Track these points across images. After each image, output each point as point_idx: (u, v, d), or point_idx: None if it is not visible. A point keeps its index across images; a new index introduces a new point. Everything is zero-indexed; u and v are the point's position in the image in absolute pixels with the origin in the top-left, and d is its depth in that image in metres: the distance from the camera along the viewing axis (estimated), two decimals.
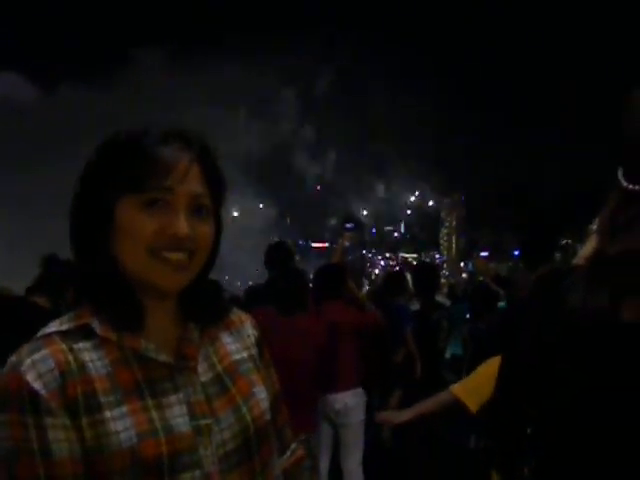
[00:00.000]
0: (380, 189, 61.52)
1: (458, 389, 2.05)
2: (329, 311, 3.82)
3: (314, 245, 56.40)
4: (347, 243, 4.58)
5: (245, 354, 1.04)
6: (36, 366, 0.82)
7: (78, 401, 0.82)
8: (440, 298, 5.71)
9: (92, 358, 0.86)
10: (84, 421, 0.82)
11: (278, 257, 4.01)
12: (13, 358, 0.84)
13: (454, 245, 63.07)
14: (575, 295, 0.80)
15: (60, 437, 0.80)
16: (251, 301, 5.74)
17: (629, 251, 0.76)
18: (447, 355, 5.32)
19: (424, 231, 63.61)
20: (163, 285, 0.90)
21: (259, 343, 1.09)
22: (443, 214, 64.83)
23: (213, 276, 1.02)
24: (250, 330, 1.09)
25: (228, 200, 1.01)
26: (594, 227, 1.07)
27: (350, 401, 3.90)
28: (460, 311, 7.22)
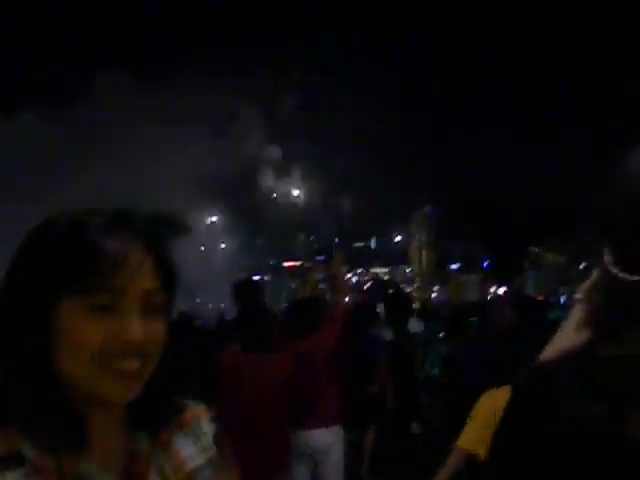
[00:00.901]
0: (347, 204, 61.88)
1: (464, 442, 2.10)
2: (304, 345, 3.72)
3: (285, 264, 56.27)
4: (319, 276, 4.45)
5: (202, 459, 0.92)
6: None
7: None
8: (412, 321, 5.61)
9: None
10: None
11: (245, 294, 3.91)
12: None
13: (424, 258, 63.54)
14: (569, 402, 0.70)
15: None
16: (222, 337, 5.63)
17: (626, 357, 0.66)
18: (420, 377, 5.25)
19: (394, 245, 64.07)
20: (113, 398, 0.78)
21: (217, 440, 0.97)
22: (413, 228, 65.44)
23: (184, 300, 0.89)
24: (206, 427, 0.97)
25: (195, 220, 0.86)
26: (578, 296, 0.97)
27: (330, 438, 3.81)
28: (433, 330, 7.18)
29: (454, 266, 56.60)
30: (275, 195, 57.11)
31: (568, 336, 0.91)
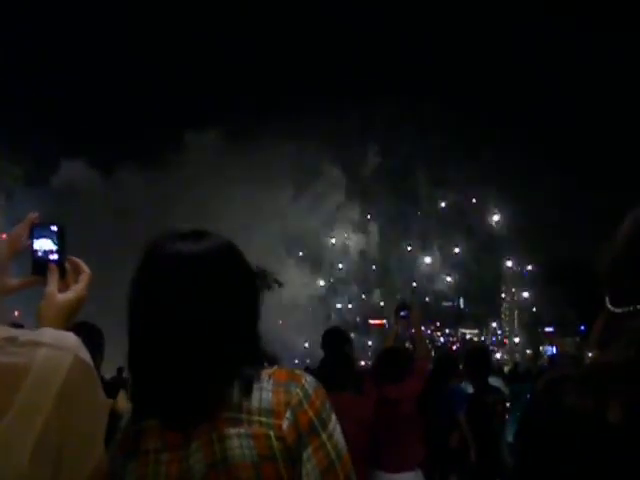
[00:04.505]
0: (424, 264, 60.69)
1: None
2: (390, 391, 3.95)
3: (372, 322, 55.78)
4: (401, 330, 4.74)
5: None
6: None
7: None
8: (494, 380, 5.67)
9: None
10: None
11: (331, 341, 4.17)
12: None
13: (516, 320, 60.96)
14: (569, 399, 1.00)
15: None
16: None
17: (609, 362, 0.97)
18: (509, 438, 5.25)
19: (484, 306, 61.88)
20: None
21: None
22: (504, 289, 63.11)
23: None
24: None
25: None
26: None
27: None
28: (521, 391, 7.12)
29: (549, 329, 53.94)
30: (351, 252, 57.19)
31: None
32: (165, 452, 1.07)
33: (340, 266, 58.17)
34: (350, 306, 56.97)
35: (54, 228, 1.18)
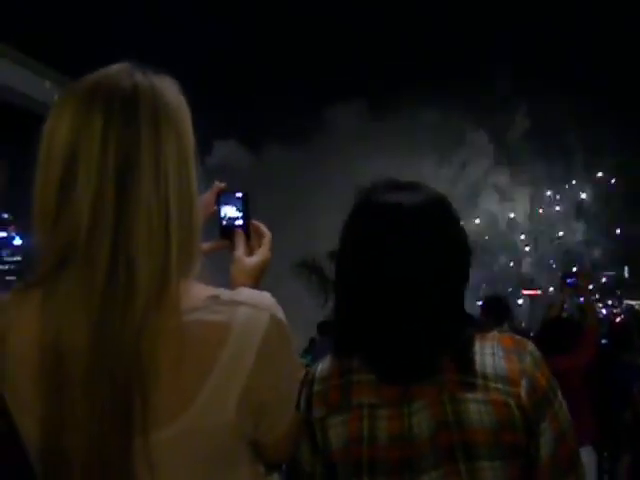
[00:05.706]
0: (580, 230, 56.24)
1: None
2: (557, 363, 3.83)
3: (525, 292, 53.38)
4: (567, 299, 4.52)
5: None
6: None
7: None
8: None
9: None
10: None
11: (494, 309, 4.11)
12: None
13: None
14: None
15: None
16: None
17: None
18: None
19: None
20: None
21: None
22: None
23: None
24: None
25: None
26: None
27: (583, 458, 3.80)
28: None
29: None
30: (498, 219, 54.54)
31: None
32: (383, 407, 1.05)
33: (487, 237, 56.24)
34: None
35: (239, 195, 1.23)
